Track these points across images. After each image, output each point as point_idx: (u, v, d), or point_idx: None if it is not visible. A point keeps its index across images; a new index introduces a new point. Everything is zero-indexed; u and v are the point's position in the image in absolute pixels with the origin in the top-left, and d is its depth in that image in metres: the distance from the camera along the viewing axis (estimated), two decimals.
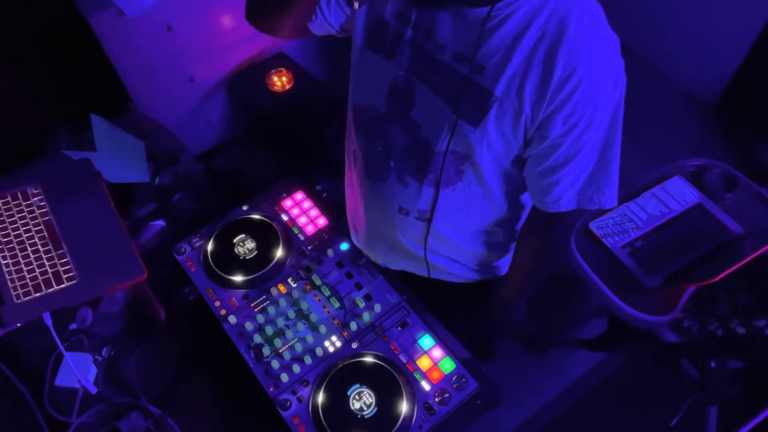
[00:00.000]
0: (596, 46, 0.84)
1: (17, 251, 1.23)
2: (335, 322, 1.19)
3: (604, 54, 0.85)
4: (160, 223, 1.42)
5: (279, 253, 1.28)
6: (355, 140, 1.13)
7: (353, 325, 1.18)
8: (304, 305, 1.21)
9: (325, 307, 1.21)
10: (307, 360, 1.13)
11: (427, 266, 1.21)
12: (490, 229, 1.13)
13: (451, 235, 1.12)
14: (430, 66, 0.93)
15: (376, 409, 1.07)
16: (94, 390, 1.14)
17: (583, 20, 0.83)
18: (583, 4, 0.84)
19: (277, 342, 1.16)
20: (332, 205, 1.38)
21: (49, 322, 1.12)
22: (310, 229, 1.34)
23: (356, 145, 1.13)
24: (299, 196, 1.40)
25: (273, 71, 2.02)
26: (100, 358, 1.18)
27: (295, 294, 1.23)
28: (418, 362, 1.12)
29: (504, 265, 1.26)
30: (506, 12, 0.84)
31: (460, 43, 0.89)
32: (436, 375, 1.11)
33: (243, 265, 1.28)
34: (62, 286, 1.18)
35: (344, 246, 1.30)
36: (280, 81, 2.01)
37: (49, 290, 1.18)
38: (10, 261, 1.22)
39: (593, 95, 0.85)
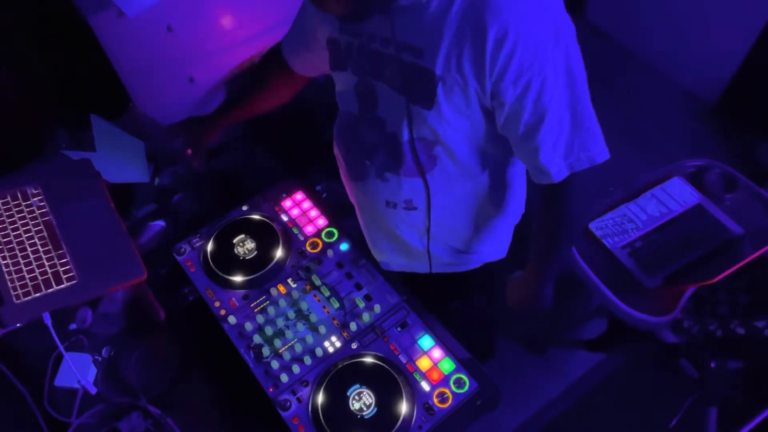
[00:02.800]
0: (523, 1, 0.83)
1: (17, 251, 1.23)
2: (335, 322, 1.19)
3: (533, 6, 0.84)
4: (160, 223, 1.42)
5: (279, 253, 1.28)
6: (336, 144, 1.20)
7: (353, 326, 1.18)
8: (303, 305, 1.21)
9: (324, 307, 1.21)
10: (307, 360, 1.13)
11: (429, 259, 1.22)
12: (480, 207, 1.15)
13: (444, 219, 1.14)
14: (380, 63, 0.97)
15: (375, 409, 1.07)
16: (93, 390, 1.14)
17: None
18: None
19: (277, 342, 1.16)
20: (332, 205, 1.38)
21: (48, 322, 1.12)
22: (310, 230, 1.34)
23: (337, 149, 1.20)
24: (299, 196, 1.40)
25: None
26: (100, 358, 1.18)
27: (295, 294, 1.23)
28: (417, 363, 1.12)
29: (502, 244, 1.27)
30: None
31: (398, 33, 0.92)
32: (435, 375, 1.11)
33: (243, 265, 1.28)
34: (62, 286, 1.18)
35: (344, 246, 1.30)
36: None
37: (49, 290, 1.18)
38: (10, 261, 1.22)
39: (535, 52, 0.84)
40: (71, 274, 1.20)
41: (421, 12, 0.88)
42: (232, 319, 1.19)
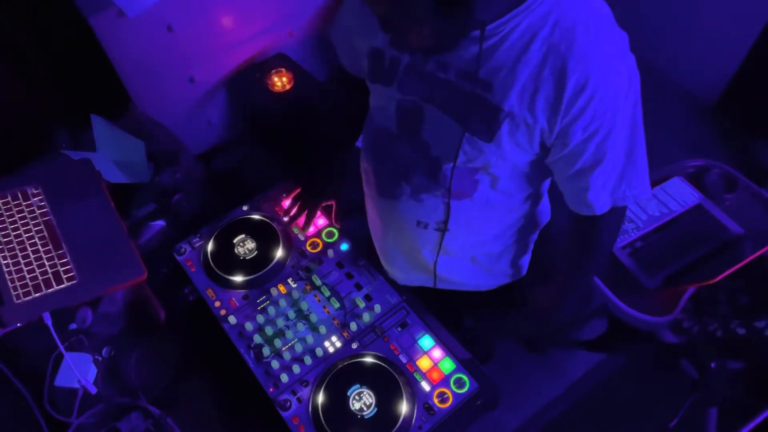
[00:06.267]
0: (606, 51, 0.83)
1: (17, 251, 1.23)
2: (335, 322, 1.19)
3: (614, 57, 0.84)
4: (160, 223, 1.42)
5: (279, 253, 1.28)
6: (366, 158, 1.15)
7: (353, 326, 1.18)
8: (304, 305, 1.21)
9: (325, 307, 1.21)
10: (307, 360, 1.13)
11: (434, 277, 1.21)
12: (512, 227, 1.14)
13: (473, 241, 1.13)
14: (434, 86, 0.93)
15: (376, 409, 1.07)
16: (94, 390, 1.14)
17: (590, 26, 0.81)
18: (589, 7, 0.83)
19: (277, 342, 1.16)
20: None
21: (49, 322, 1.12)
22: (310, 230, 1.34)
23: (367, 163, 1.15)
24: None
25: (273, 71, 2.02)
26: (100, 358, 1.18)
27: (295, 294, 1.23)
28: (418, 362, 1.12)
29: (523, 265, 1.26)
30: (506, 29, 0.82)
31: (463, 61, 0.88)
32: (435, 375, 1.11)
33: (243, 265, 1.28)
34: (62, 286, 1.18)
35: (344, 246, 1.30)
36: (280, 81, 2.01)
37: (49, 290, 1.18)
38: (10, 261, 1.22)
39: (610, 102, 0.84)
40: (71, 274, 1.20)
41: (495, 45, 0.84)
42: (232, 319, 1.19)
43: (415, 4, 0.75)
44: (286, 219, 1.34)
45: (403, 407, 1.06)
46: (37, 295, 1.17)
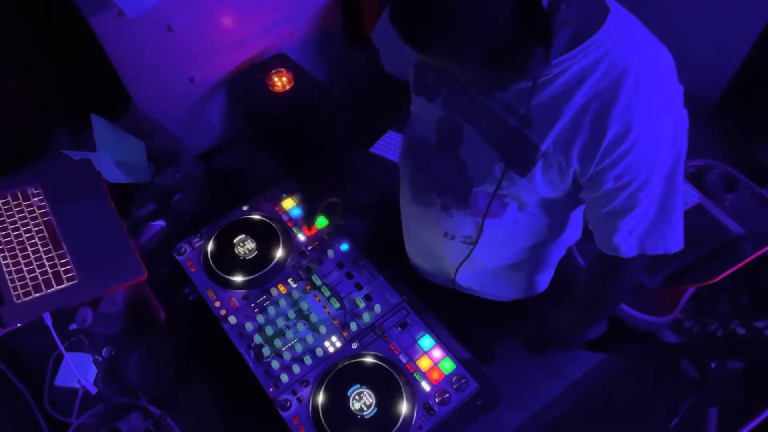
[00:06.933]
0: (654, 103, 0.80)
1: (17, 251, 1.23)
2: (335, 322, 1.19)
3: (662, 110, 0.81)
4: (160, 223, 1.42)
5: (279, 253, 1.28)
6: (404, 162, 1.17)
7: (353, 326, 1.18)
8: (304, 306, 1.21)
9: (325, 307, 1.21)
10: (307, 360, 1.13)
11: (453, 284, 1.24)
12: (538, 246, 1.14)
13: (497, 255, 1.14)
14: (476, 109, 0.92)
15: (376, 409, 1.07)
16: (94, 390, 1.14)
17: (642, 76, 0.79)
18: (645, 56, 0.80)
19: (277, 342, 1.16)
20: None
21: (49, 322, 1.12)
22: (309, 230, 1.34)
23: (404, 168, 1.17)
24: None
25: (273, 71, 2.02)
26: (100, 358, 1.18)
27: (295, 294, 1.23)
28: (418, 363, 1.12)
29: (544, 281, 1.27)
30: (556, 71, 0.81)
31: (508, 94, 0.87)
32: (436, 375, 1.11)
33: (243, 265, 1.28)
34: (62, 286, 1.18)
35: (344, 246, 1.30)
36: (280, 81, 2.01)
37: (49, 290, 1.18)
38: (10, 261, 1.22)
39: (649, 155, 0.82)
40: (71, 274, 1.20)
41: (542, 85, 0.82)
42: (232, 319, 1.19)
43: (471, 63, 0.74)
44: (286, 219, 1.34)
45: (403, 407, 1.06)
46: (37, 295, 1.17)
